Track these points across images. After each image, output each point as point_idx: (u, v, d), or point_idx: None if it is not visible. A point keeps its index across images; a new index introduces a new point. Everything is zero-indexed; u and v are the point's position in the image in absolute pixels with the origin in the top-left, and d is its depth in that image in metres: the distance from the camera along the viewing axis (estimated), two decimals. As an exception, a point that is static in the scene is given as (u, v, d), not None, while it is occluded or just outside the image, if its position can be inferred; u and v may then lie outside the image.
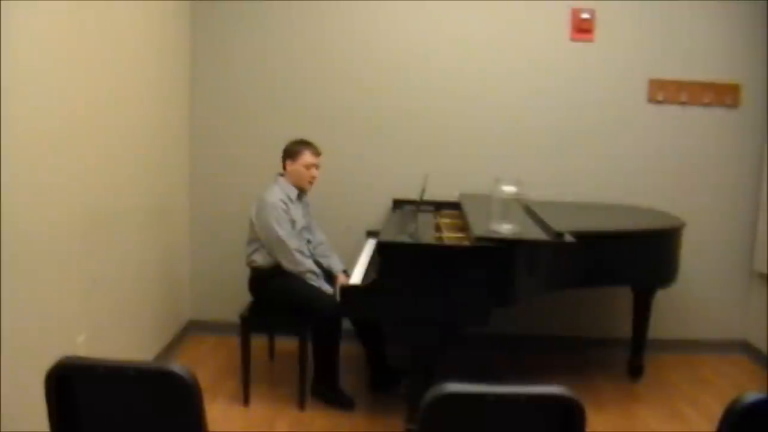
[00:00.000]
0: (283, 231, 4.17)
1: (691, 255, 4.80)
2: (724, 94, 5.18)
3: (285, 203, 4.24)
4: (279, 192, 4.27)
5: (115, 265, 3.95)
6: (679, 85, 5.16)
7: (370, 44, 5.17)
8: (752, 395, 1.79)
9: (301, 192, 4.42)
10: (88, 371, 1.86)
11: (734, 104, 5.20)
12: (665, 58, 5.17)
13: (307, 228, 4.46)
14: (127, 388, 1.88)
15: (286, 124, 4.78)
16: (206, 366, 4.69)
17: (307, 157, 4.32)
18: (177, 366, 1.83)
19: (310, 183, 4.38)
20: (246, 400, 4.18)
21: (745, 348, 5.34)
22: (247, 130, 5.17)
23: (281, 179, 4.35)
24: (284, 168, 4.37)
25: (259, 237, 4.25)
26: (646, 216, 4.76)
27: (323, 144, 4.81)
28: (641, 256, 4.30)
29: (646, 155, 5.23)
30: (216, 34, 5.15)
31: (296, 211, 4.33)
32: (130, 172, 4.11)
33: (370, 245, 4.58)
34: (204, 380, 1.95)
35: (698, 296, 5.30)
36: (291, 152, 4.35)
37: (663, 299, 4.91)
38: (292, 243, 4.20)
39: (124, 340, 4.11)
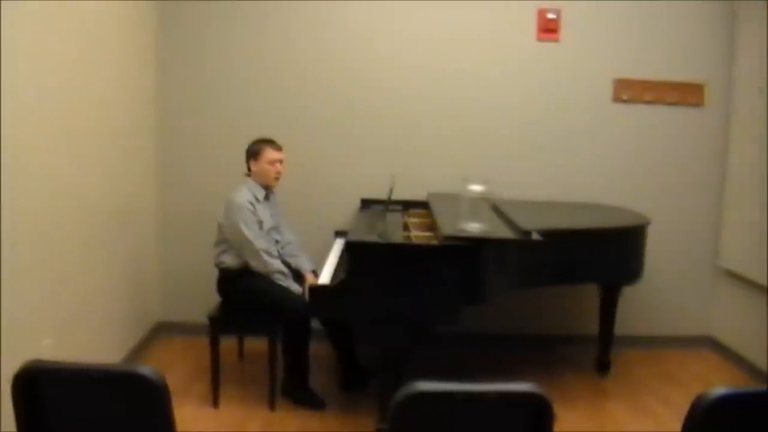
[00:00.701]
0: (250, 232, 4.17)
1: (656, 252, 4.86)
2: (688, 94, 5.25)
3: (252, 204, 4.23)
4: (246, 193, 4.26)
5: (82, 266, 3.92)
6: (644, 85, 5.22)
7: (339, 45, 5.17)
8: (718, 390, 1.81)
9: (269, 191, 4.41)
10: (55, 374, 1.85)
11: (698, 103, 5.26)
12: (630, 58, 5.22)
13: (275, 228, 4.46)
14: (94, 391, 1.86)
15: (255, 125, 4.77)
16: (175, 368, 4.65)
17: (269, 153, 4.32)
18: (145, 368, 1.82)
19: (276, 178, 4.37)
20: (216, 402, 4.16)
21: (711, 343, 5.41)
22: (215, 130, 5.14)
23: (249, 180, 4.34)
24: (249, 169, 4.36)
25: (227, 238, 4.24)
26: (611, 214, 4.80)
27: (292, 144, 4.82)
28: (608, 253, 4.35)
29: (611, 154, 5.28)
30: (184, 34, 5.12)
31: (264, 212, 4.32)
32: (95, 171, 4.07)
33: (338, 245, 4.58)
34: (173, 382, 1.94)
35: (664, 293, 5.36)
36: (253, 152, 4.34)
37: (629, 296, 4.96)
38: (260, 244, 4.19)
39: (92, 342, 4.08)
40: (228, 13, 5.11)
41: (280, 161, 4.36)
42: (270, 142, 4.35)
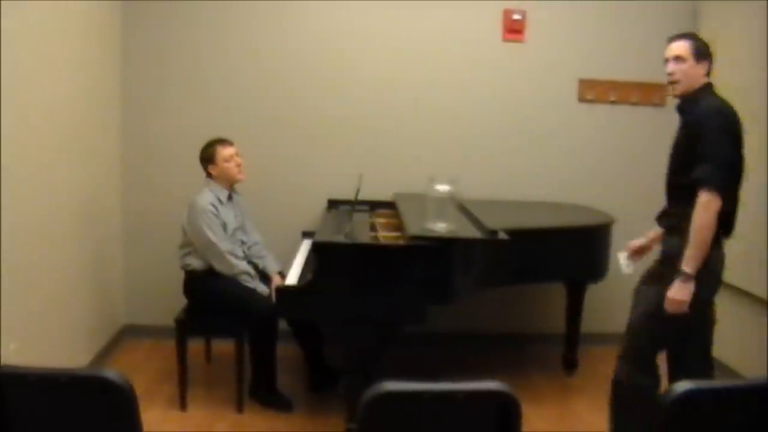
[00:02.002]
0: (214, 235, 4.14)
1: (619, 250, 4.90)
2: (651, 94, 5.31)
3: (215, 206, 4.20)
4: (209, 195, 4.23)
5: (46, 269, 3.88)
6: (608, 85, 5.27)
7: (304, 47, 5.15)
8: (683, 385, 1.83)
9: (232, 191, 4.40)
10: (20, 379, 1.82)
11: (661, 103, 5.33)
12: (595, 59, 5.27)
13: (240, 228, 4.43)
14: (60, 395, 1.84)
15: (220, 126, 4.74)
16: (142, 371, 4.62)
17: (221, 152, 4.29)
18: (111, 371, 1.81)
19: (240, 172, 4.35)
20: (183, 405, 4.14)
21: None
22: (180, 132, 5.10)
23: (211, 182, 4.31)
24: (210, 174, 4.33)
25: (191, 241, 4.22)
26: (577, 213, 4.85)
27: (258, 145, 4.83)
28: (573, 252, 4.39)
29: (576, 153, 5.33)
30: (148, 34, 5.07)
31: (227, 213, 4.30)
32: (58, 171, 4.03)
33: (305, 246, 4.58)
34: (140, 385, 1.94)
35: (628, 290, 5.37)
36: (206, 157, 4.31)
37: (595, 294, 5.00)
38: (224, 246, 4.17)
39: (57, 346, 4.04)
40: (193, 14, 5.08)
41: (236, 155, 4.33)
42: (218, 141, 4.32)
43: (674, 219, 3.31)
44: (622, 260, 3.70)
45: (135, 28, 5.06)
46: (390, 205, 4.80)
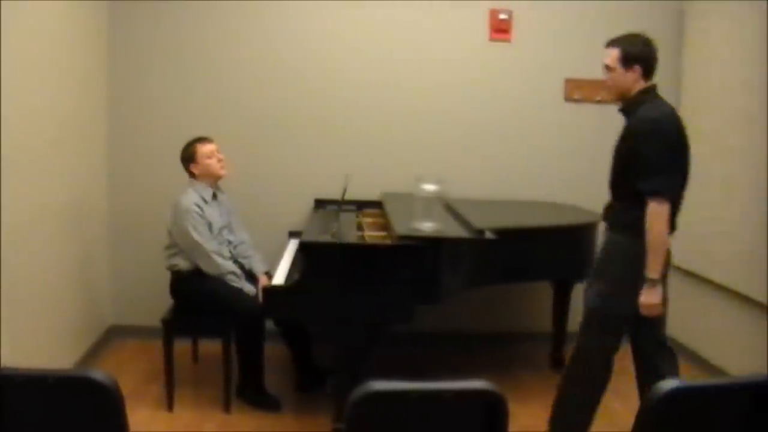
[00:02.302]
0: (199, 235, 4.13)
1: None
2: (637, 93, 5.33)
3: (199, 206, 4.19)
4: (193, 195, 4.22)
5: (32, 269, 3.86)
6: (595, 85, 5.26)
7: (291, 47, 5.15)
8: (670, 383, 1.84)
9: (217, 190, 4.39)
10: (6, 380, 1.81)
11: (647, 102, 5.35)
12: (581, 58, 5.29)
13: (227, 227, 4.42)
14: (47, 396, 1.83)
15: (207, 127, 4.72)
16: (129, 372, 4.60)
17: (201, 149, 4.28)
18: (97, 372, 1.80)
19: (223, 168, 4.33)
20: (170, 405, 4.13)
21: (661, 338, 5.50)
22: (166, 133, 5.08)
23: (195, 182, 4.30)
24: (192, 174, 4.32)
25: (177, 242, 4.21)
26: (563, 212, 4.86)
27: (245, 145, 4.83)
28: (560, 251, 4.40)
29: (563, 153, 5.34)
30: (135, 35, 5.06)
31: (212, 212, 4.28)
32: (44, 172, 4.02)
33: (292, 245, 4.57)
34: (127, 386, 1.93)
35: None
36: (187, 156, 4.30)
37: (581, 293, 4.99)
38: (210, 246, 4.16)
39: (44, 347, 4.02)
40: (179, 15, 5.07)
41: (217, 151, 4.32)
42: (197, 140, 4.32)
43: (617, 214, 3.38)
44: None
45: (122, 30, 5.04)
46: (377, 205, 4.80)
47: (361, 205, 4.93)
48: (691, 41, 5.21)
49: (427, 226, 3.71)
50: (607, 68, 3.34)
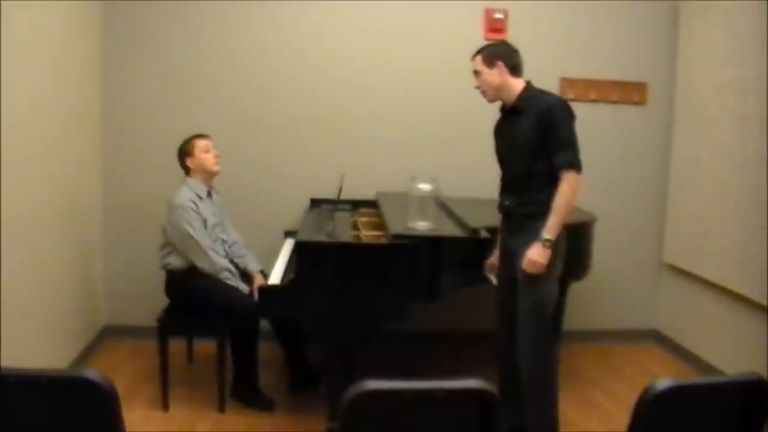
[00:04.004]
0: (194, 231, 4.13)
1: (602, 248, 4.92)
2: (631, 92, 5.35)
3: (194, 203, 4.19)
4: (188, 192, 4.22)
5: (26, 269, 3.85)
6: (589, 84, 5.29)
7: (286, 46, 5.15)
8: (664, 382, 1.84)
9: (210, 188, 4.39)
10: (0, 380, 1.81)
11: (641, 102, 5.37)
12: (576, 57, 5.30)
13: (220, 225, 4.42)
14: (41, 396, 1.83)
15: (201, 126, 4.70)
16: (123, 371, 4.60)
17: (199, 144, 4.30)
18: (92, 372, 1.80)
19: (217, 164, 4.34)
20: (165, 405, 4.12)
21: (656, 337, 5.52)
22: (160, 132, 5.07)
23: (188, 179, 4.30)
24: (187, 169, 4.33)
25: (172, 240, 4.20)
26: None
27: (240, 145, 4.83)
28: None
29: (558, 152, 5.34)
30: (130, 34, 5.05)
31: (207, 209, 4.28)
32: (39, 170, 4.01)
33: (288, 245, 4.57)
34: (122, 386, 1.93)
35: (610, 287, 5.45)
36: (184, 150, 4.32)
37: (576, 291, 5.03)
38: (205, 242, 4.16)
39: (38, 347, 4.01)
40: (173, 15, 5.06)
41: (212, 146, 4.35)
42: (195, 136, 4.34)
43: (536, 206, 3.47)
44: (493, 279, 3.81)
45: (116, 29, 5.03)
46: (372, 204, 4.80)
47: (356, 205, 4.92)
48: (685, 41, 5.22)
49: (422, 226, 3.72)
50: (476, 73, 3.67)
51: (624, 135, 5.37)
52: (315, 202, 5.06)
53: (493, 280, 3.80)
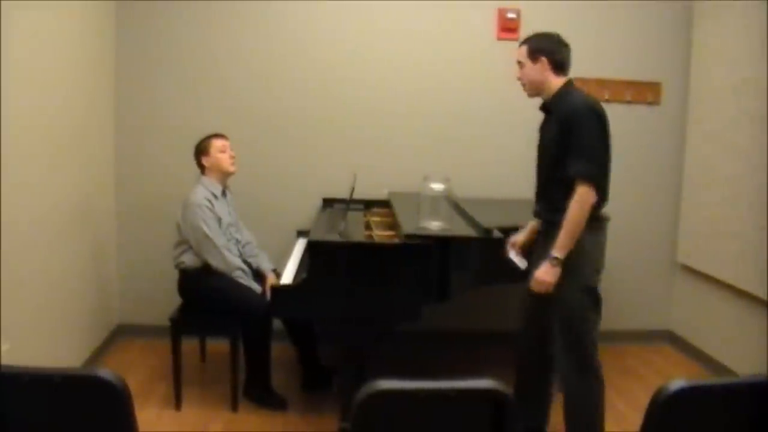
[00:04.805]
0: (209, 229, 4.14)
1: (616, 248, 4.86)
2: (645, 92, 5.32)
3: (210, 201, 4.20)
4: (203, 191, 4.23)
5: (40, 268, 3.87)
6: (602, 83, 5.27)
7: (300, 43, 5.15)
8: (677, 383, 1.83)
9: (225, 187, 4.41)
10: (14, 380, 1.81)
11: (655, 101, 5.35)
12: (589, 57, 5.25)
13: (234, 225, 4.44)
14: (54, 395, 1.83)
15: (214, 125, 4.72)
16: (137, 370, 4.61)
17: (216, 143, 4.32)
18: (105, 371, 1.80)
19: (233, 164, 4.36)
20: (178, 404, 4.13)
21: (669, 337, 5.49)
22: (174, 131, 5.09)
23: (204, 178, 4.32)
24: (202, 167, 4.34)
25: (186, 239, 4.21)
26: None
27: (253, 144, 4.83)
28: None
29: (571, 152, 5.32)
30: (142, 35, 5.06)
31: (222, 208, 4.30)
32: (53, 171, 4.03)
33: (300, 245, 4.57)
34: (134, 385, 1.93)
35: (624, 288, 5.42)
36: (201, 149, 4.34)
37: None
38: (220, 241, 4.17)
39: (51, 346, 4.03)
40: (186, 14, 5.07)
41: (230, 147, 4.37)
42: (213, 135, 4.36)
43: (563, 213, 3.31)
44: (513, 257, 3.70)
45: (128, 31, 5.05)
46: (385, 204, 4.80)
47: (368, 204, 4.93)
48: (699, 40, 5.20)
49: (434, 225, 3.71)
50: (519, 64, 3.52)
51: (637, 135, 5.35)
52: (327, 202, 5.06)
53: (514, 258, 3.69)
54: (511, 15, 5.20)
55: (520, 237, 3.73)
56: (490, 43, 5.24)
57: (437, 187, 3.75)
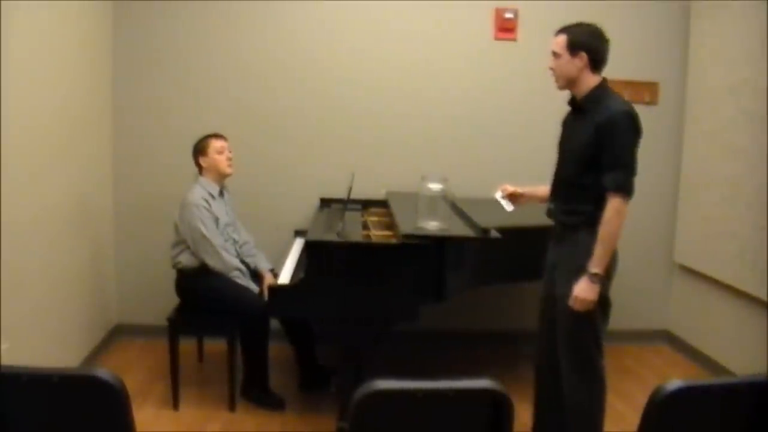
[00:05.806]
0: (207, 230, 4.14)
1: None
2: (642, 92, 5.33)
3: (207, 201, 4.21)
4: (200, 191, 4.23)
5: (38, 268, 3.87)
6: (600, 83, 5.26)
7: (297, 43, 5.16)
8: (675, 383, 1.83)
9: (223, 187, 4.41)
10: (12, 380, 1.81)
11: (653, 101, 5.35)
12: (586, 57, 5.27)
13: (232, 225, 4.44)
14: (52, 395, 1.84)
15: (211, 125, 4.72)
16: (134, 370, 4.62)
17: (214, 144, 4.31)
18: (103, 371, 1.80)
19: (230, 166, 4.36)
20: (176, 404, 4.14)
21: (667, 337, 5.50)
22: (171, 132, 5.10)
23: (201, 178, 4.32)
24: (200, 167, 4.34)
25: (184, 239, 4.21)
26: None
27: (250, 144, 4.83)
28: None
29: (569, 152, 5.33)
30: (140, 35, 5.06)
31: (219, 208, 4.30)
32: (49, 172, 4.03)
33: (298, 244, 4.57)
34: (132, 385, 1.93)
35: (621, 288, 5.35)
36: (199, 148, 4.33)
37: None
38: (217, 241, 4.17)
39: (49, 346, 4.03)
40: (183, 15, 5.07)
41: (228, 149, 4.36)
42: (212, 135, 4.35)
43: (581, 217, 3.28)
44: (500, 199, 3.69)
45: (126, 31, 5.05)
46: (382, 204, 4.80)
47: (366, 204, 4.93)
48: (697, 40, 5.20)
49: (432, 225, 3.71)
50: (554, 54, 3.37)
51: (635, 135, 5.35)
52: (325, 202, 5.06)
53: (500, 200, 3.69)
54: (508, 15, 5.20)
55: (517, 187, 3.69)
56: (488, 43, 5.24)
57: (435, 187, 3.75)
